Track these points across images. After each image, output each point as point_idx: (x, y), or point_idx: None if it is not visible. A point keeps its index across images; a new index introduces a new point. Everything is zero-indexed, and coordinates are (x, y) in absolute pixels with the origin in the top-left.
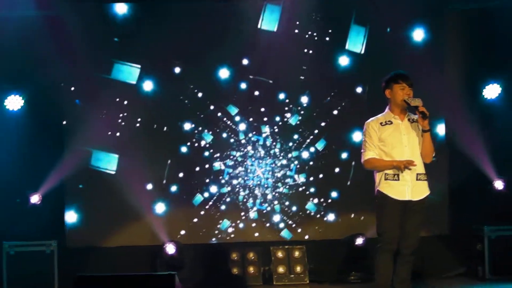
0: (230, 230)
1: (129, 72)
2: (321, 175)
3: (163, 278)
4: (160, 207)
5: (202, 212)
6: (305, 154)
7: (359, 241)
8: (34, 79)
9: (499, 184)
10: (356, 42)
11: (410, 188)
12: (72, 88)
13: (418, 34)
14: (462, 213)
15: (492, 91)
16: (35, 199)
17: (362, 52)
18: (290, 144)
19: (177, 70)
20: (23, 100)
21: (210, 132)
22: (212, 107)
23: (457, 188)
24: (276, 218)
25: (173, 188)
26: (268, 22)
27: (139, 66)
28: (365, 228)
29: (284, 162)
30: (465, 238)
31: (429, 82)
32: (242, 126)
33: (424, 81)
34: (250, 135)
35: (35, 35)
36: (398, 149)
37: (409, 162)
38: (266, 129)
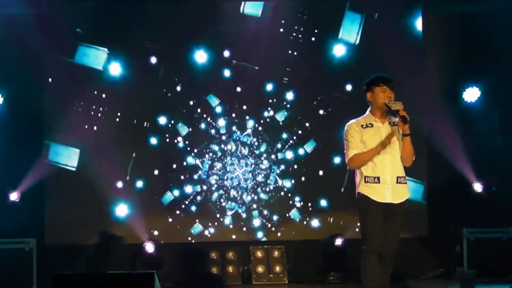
0: (209, 230)
1: (95, 57)
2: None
3: (142, 277)
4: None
5: (179, 212)
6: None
7: (338, 242)
8: (13, 77)
9: (478, 187)
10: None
11: (390, 190)
12: (50, 80)
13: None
14: (442, 216)
15: (471, 94)
16: (14, 196)
17: (357, 42)
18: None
19: (153, 59)
20: (2, 98)
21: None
22: (190, 98)
23: (437, 191)
24: (256, 220)
25: (141, 185)
26: (252, 7)
27: (107, 50)
28: (344, 229)
29: (265, 163)
30: (444, 240)
31: (409, 84)
32: (222, 122)
33: (405, 82)
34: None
35: (12, 32)
36: (381, 152)
37: (389, 136)
38: (250, 124)
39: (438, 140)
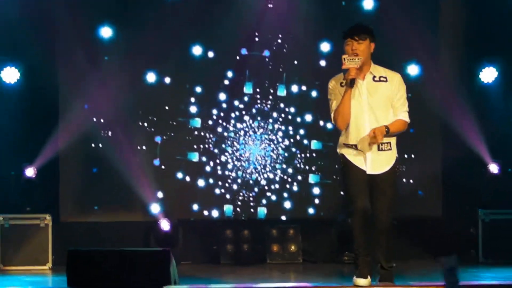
0: (225, 207)
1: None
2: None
3: (158, 254)
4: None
5: (195, 189)
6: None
7: None
8: (30, 51)
9: (493, 168)
10: None
11: (370, 160)
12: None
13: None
14: (456, 196)
15: (488, 74)
16: (30, 172)
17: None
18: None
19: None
20: (19, 73)
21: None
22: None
23: (451, 171)
24: (271, 198)
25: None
26: None
27: None
28: None
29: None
30: (458, 221)
31: (425, 64)
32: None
33: (420, 62)
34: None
35: (30, 7)
36: (357, 113)
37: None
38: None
39: (453, 121)
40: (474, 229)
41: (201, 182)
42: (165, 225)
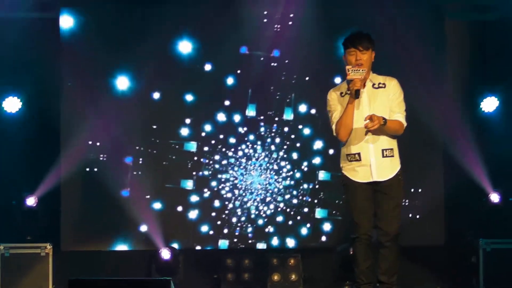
0: (225, 236)
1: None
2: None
3: (159, 284)
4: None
5: (196, 218)
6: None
7: None
8: (31, 81)
9: (494, 197)
10: None
11: (374, 167)
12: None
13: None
14: (458, 225)
15: (490, 104)
16: (31, 201)
17: None
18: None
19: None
20: (20, 102)
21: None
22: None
23: (453, 200)
24: (272, 227)
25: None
26: None
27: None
28: None
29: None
30: (460, 250)
31: (428, 91)
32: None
33: (423, 89)
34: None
35: (32, 36)
36: (360, 122)
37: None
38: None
39: (455, 149)
40: (476, 258)
41: (197, 212)
42: (166, 254)
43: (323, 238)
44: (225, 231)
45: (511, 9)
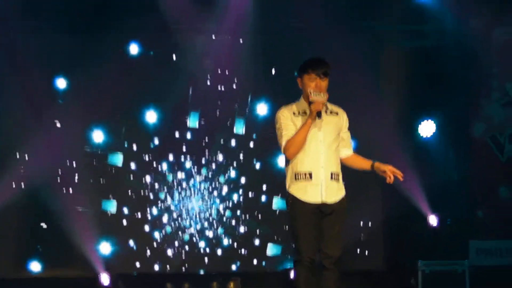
0: (164, 260)
1: None
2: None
3: None
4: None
5: (134, 242)
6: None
7: None
8: None
9: (433, 220)
10: None
11: (324, 188)
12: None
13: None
14: (397, 248)
15: (427, 128)
16: None
17: None
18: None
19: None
20: None
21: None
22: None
23: (392, 224)
24: (212, 250)
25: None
26: None
27: None
28: None
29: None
30: (399, 273)
31: (365, 117)
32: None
33: (361, 115)
34: None
35: None
36: (313, 143)
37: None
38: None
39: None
40: (415, 280)
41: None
42: (105, 279)
43: (263, 263)
44: (165, 254)
45: (446, 35)
